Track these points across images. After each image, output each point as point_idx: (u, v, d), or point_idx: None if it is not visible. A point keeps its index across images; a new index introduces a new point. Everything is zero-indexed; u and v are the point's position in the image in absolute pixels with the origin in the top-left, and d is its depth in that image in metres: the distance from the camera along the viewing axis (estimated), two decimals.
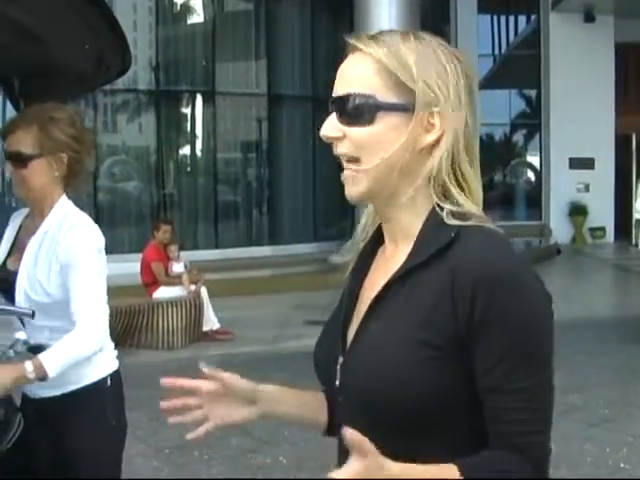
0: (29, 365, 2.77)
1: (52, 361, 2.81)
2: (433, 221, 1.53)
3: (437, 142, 1.52)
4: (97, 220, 3.25)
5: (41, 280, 2.99)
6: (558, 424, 1.53)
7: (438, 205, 1.53)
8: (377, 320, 1.52)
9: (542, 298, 1.46)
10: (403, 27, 14.61)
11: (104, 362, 3.09)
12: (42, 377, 2.80)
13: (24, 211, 3.29)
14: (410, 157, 1.52)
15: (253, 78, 18.42)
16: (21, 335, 2.96)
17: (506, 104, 25.41)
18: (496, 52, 26.09)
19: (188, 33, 18.66)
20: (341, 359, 1.59)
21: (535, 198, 24.37)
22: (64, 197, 3.12)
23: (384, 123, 1.51)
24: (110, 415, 3.08)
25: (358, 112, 1.51)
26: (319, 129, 1.56)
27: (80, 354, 2.90)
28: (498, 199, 25.15)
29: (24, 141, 3.00)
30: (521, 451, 1.41)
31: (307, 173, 18.49)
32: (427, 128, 1.52)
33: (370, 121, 1.51)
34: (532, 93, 25.23)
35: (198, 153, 18.61)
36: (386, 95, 1.51)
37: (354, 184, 1.55)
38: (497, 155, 25.97)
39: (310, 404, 1.78)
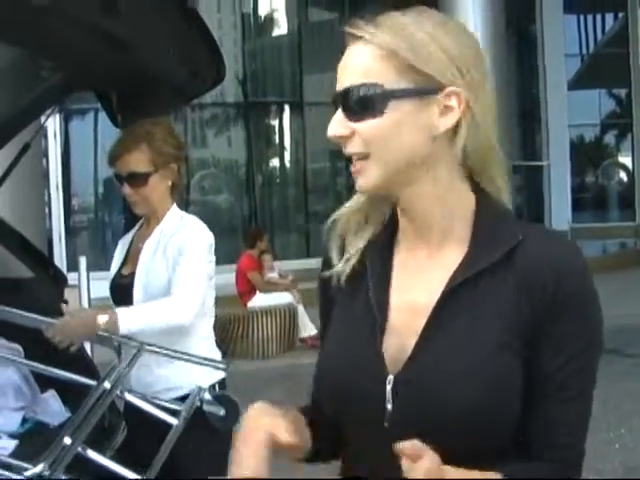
0: (102, 317, 2.92)
1: (128, 318, 2.94)
2: (486, 219, 1.42)
3: (457, 126, 1.39)
4: None
5: (159, 272, 3.10)
6: None
7: (478, 199, 1.44)
8: (446, 329, 1.38)
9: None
10: (488, 28, 14.50)
11: (211, 370, 3.15)
12: (113, 332, 2.93)
13: (133, 229, 3.43)
14: (429, 144, 1.39)
15: None
16: (202, 385, 3.07)
17: (596, 104, 25.05)
18: (583, 51, 25.67)
19: (274, 45, 18.86)
20: (391, 377, 1.39)
21: (628, 199, 23.88)
22: (175, 205, 3.26)
23: (397, 112, 1.37)
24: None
25: (365, 104, 1.37)
26: None
27: (163, 320, 3.00)
28: (590, 201, 24.76)
29: (138, 161, 3.13)
30: (566, 461, 1.38)
31: None
32: (443, 112, 1.38)
33: (381, 112, 1.36)
34: (622, 92, 24.77)
35: (287, 164, 18.74)
36: (396, 81, 1.37)
37: (364, 175, 1.40)
38: (588, 156, 25.60)
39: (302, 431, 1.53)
